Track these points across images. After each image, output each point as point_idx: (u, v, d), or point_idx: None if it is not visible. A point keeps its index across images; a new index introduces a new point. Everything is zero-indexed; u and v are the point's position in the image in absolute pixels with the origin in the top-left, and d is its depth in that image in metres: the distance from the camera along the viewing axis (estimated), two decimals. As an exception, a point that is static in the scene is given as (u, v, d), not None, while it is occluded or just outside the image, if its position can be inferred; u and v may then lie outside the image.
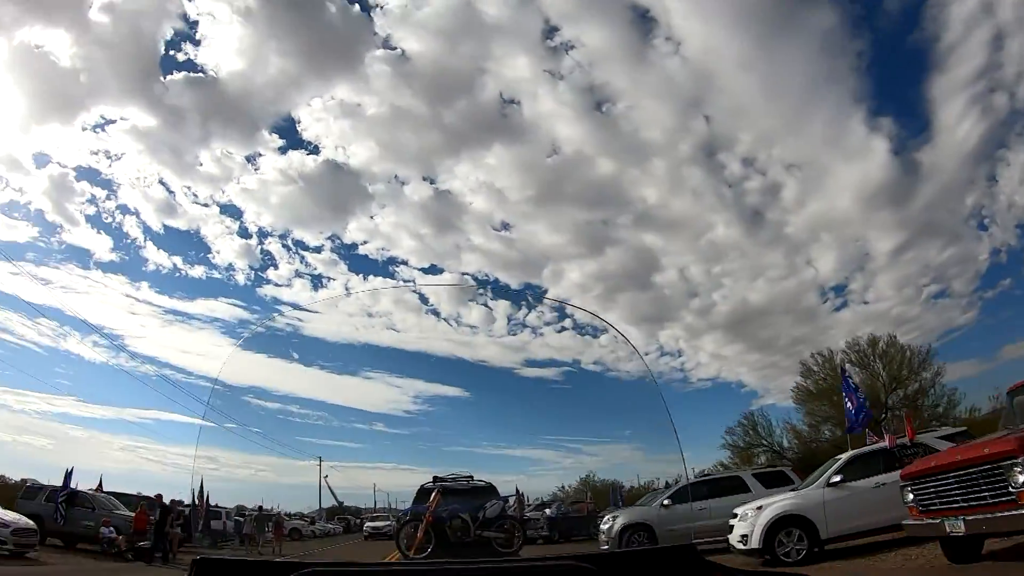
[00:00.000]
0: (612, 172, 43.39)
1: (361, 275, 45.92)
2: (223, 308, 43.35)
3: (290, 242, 45.36)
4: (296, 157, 44.63)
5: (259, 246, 45.26)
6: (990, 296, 33.85)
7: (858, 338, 26.18)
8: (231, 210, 48.07)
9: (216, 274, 45.28)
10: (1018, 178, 33.72)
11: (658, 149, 41.70)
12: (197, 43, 43.06)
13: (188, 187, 44.27)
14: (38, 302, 55.05)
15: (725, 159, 41.10)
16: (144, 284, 43.78)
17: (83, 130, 42.44)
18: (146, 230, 43.60)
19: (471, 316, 43.78)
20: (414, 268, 45.05)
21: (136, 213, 44.50)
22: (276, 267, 45.71)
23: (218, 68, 42.36)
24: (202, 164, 45.19)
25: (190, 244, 51.89)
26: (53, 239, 40.61)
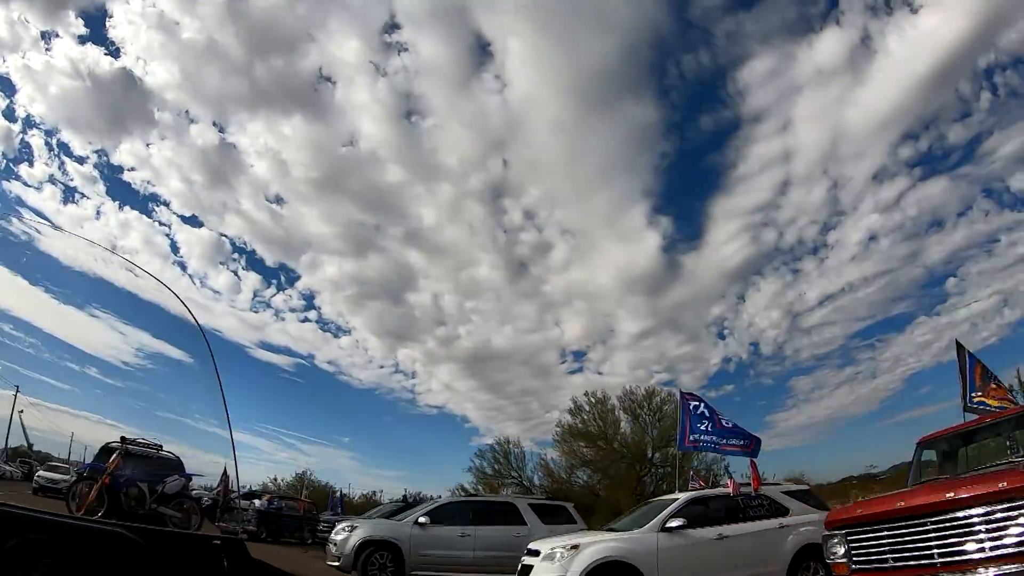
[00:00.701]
0: (399, 182, 43.53)
1: (117, 203, 42.13)
2: None
3: (55, 141, 40.77)
4: (93, 53, 39.70)
5: (20, 135, 39.68)
6: (712, 396, 38.16)
7: (636, 387, 25.78)
8: (4, 84, 39.91)
9: None
10: (762, 303, 37.97)
11: (450, 175, 42.64)
12: None
13: None
14: None
15: (509, 205, 44.11)
16: None
17: None
18: None
19: (218, 280, 41.72)
20: (174, 213, 42.39)
21: None
22: (31, 164, 40.59)
23: None
24: None
25: None
26: None
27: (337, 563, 9.89)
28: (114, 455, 10.97)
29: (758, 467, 8.96)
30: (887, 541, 4.68)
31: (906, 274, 35.92)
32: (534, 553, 7.70)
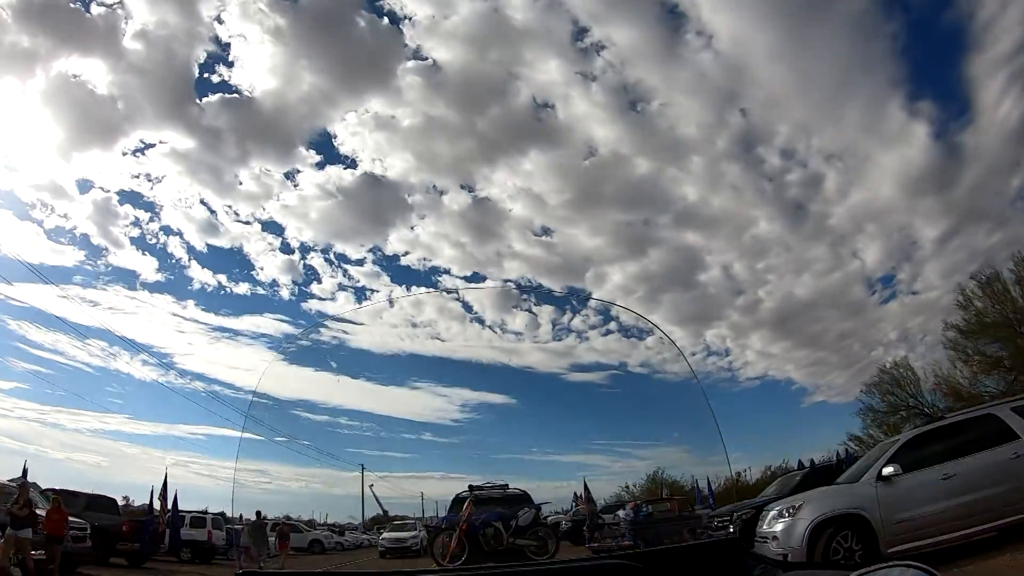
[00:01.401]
0: (650, 171, 43.01)
1: (404, 286, 46.01)
2: (268, 323, 44.36)
3: (332, 256, 46.06)
4: (334, 172, 45.92)
5: (301, 261, 46.44)
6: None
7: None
8: (272, 227, 49.60)
9: (260, 290, 46.35)
10: (1067, 154, 29.64)
11: (695, 146, 40.98)
12: (230, 64, 45.64)
13: (229, 206, 46.79)
14: (87, 323, 58.58)
15: (764, 152, 40.09)
16: (190, 302, 44.81)
17: (123, 155, 44.23)
18: (190, 249, 45.12)
19: (515, 322, 43.83)
20: (456, 277, 45.17)
21: (179, 233, 46.92)
22: (319, 281, 46.26)
23: (252, 88, 44.85)
24: (242, 183, 46.75)
25: (234, 262, 52.93)
26: (99, 262, 42.62)
27: (784, 555, 7.68)
28: (466, 503, 10.94)
29: None
30: None
31: None
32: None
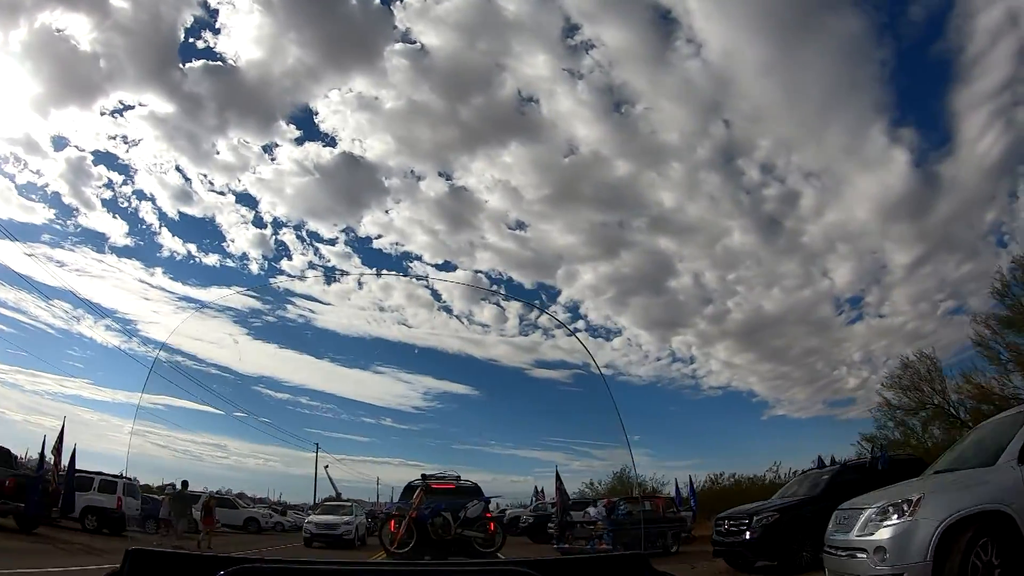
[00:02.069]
0: (629, 174, 43.33)
1: (374, 269, 46.85)
2: (236, 297, 44.00)
3: (304, 233, 44.58)
4: (312, 148, 43.80)
5: (273, 236, 44.78)
6: (1004, 313, 32.87)
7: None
8: (246, 199, 48.06)
9: (230, 263, 44.36)
10: (1038, 192, 31.52)
11: (676, 152, 40.69)
12: (216, 31, 43.35)
13: (204, 175, 44.44)
14: (53, 284, 54.02)
15: (743, 165, 40.43)
16: (158, 270, 42.73)
17: (101, 115, 40.95)
18: (162, 216, 42.94)
19: (484, 314, 44.33)
20: (428, 264, 44.42)
21: (152, 199, 45.00)
22: (290, 258, 44.86)
23: (237, 57, 41.74)
24: (219, 152, 44.54)
25: (205, 232, 50.83)
26: (69, 222, 40.35)
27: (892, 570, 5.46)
28: (417, 491, 11.29)
29: None
30: None
31: None
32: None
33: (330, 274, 45.61)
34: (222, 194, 44.27)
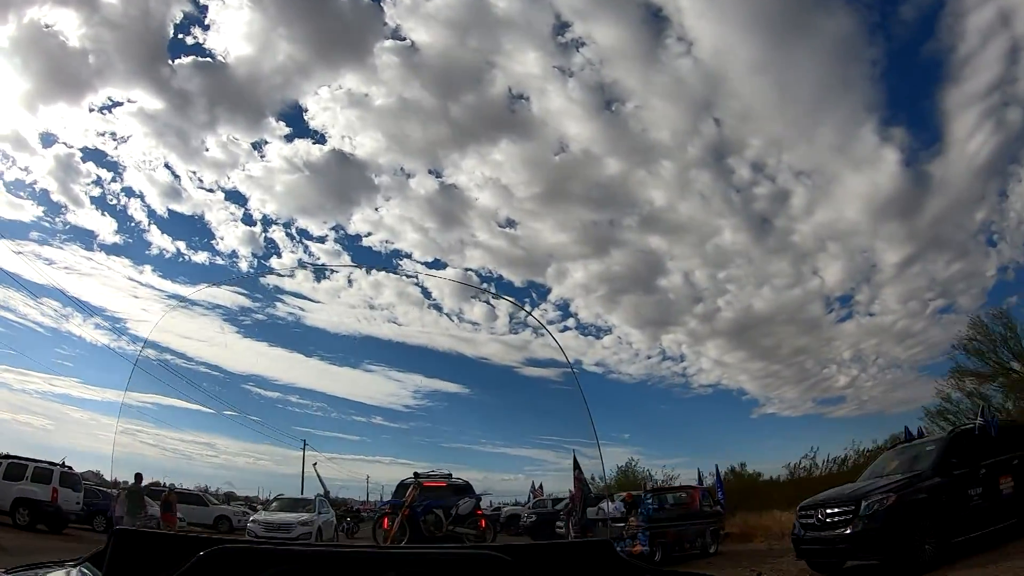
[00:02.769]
0: (620, 172, 43.62)
1: (364, 267, 46.75)
2: (226, 295, 43.89)
3: (294, 231, 45.90)
4: (302, 146, 45.06)
5: (263, 234, 46.32)
6: (996, 312, 33.20)
7: None
8: (236, 197, 48.80)
9: (220, 260, 45.66)
10: (1028, 192, 32.20)
11: (667, 151, 41.47)
12: (206, 27, 43.60)
13: (193, 172, 45.13)
14: (40, 282, 56.49)
15: (734, 163, 41.00)
16: (147, 267, 43.89)
17: (90, 111, 41.94)
18: (150, 213, 43.78)
19: (474, 312, 44.36)
20: (418, 262, 45.79)
21: (141, 196, 45.40)
22: (279, 255, 45.79)
23: (226, 53, 42.46)
24: (208, 149, 45.37)
25: (194, 230, 51.84)
26: (57, 219, 40.83)
27: None
28: (409, 489, 11.44)
29: None
30: None
31: None
32: None
33: (319, 270, 45.51)
34: (211, 191, 44.33)
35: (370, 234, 46.67)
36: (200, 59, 40.14)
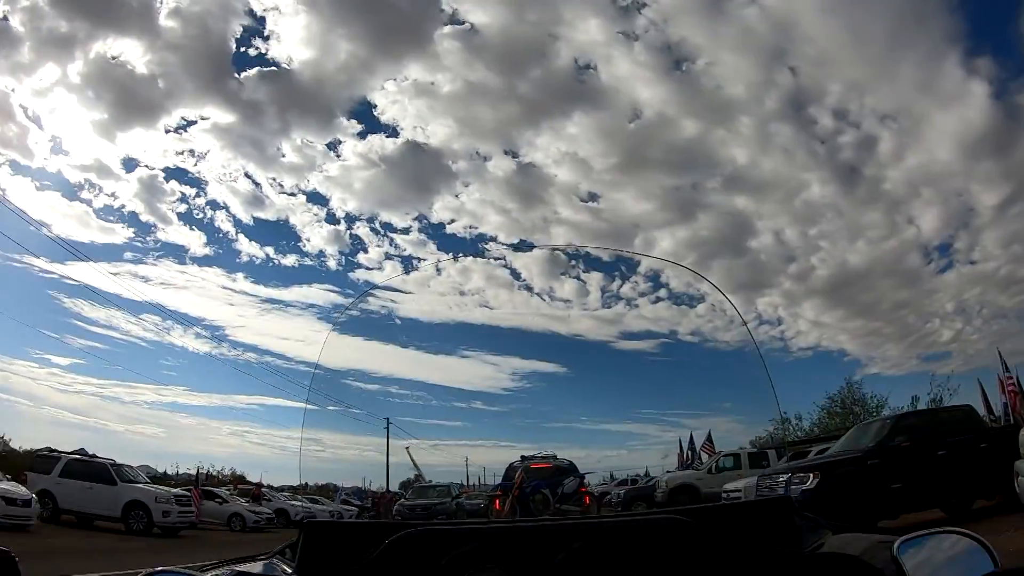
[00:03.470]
0: (697, 133, 41.49)
1: (450, 254, 46.92)
2: (317, 294, 44.91)
3: (378, 225, 45.98)
4: (376, 141, 44.85)
5: (348, 231, 46.53)
6: None
7: None
8: (317, 198, 49.95)
9: (308, 261, 46.35)
10: None
11: (743, 106, 38.97)
12: (266, 37, 43.60)
13: (273, 178, 46.31)
14: (139, 299, 57.78)
15: (815, 113, 37.83)
16: (239, 275, 45.31)
17: (166, 132, 43.37)
18: (236, 223, 45.38)
19: (564, 289, 44.06)
20: (502, 244, 45.46)
21: (226, 207, 47.84)
22: (366, 251, 46.31)
23: (289, 59, 43.42)
24: (284, 155, 47.19)
25: (280, 234, 54.04)
26: (148, 238, 42.90)
27: None
28: (518, 471, 12.12)
29: None
30: None
31: None
32: None
33: (408, 264, 47.15)
34: (293, 195, 46.53)
35: (453, 221, 46.84)
36: (264, 69, 41.21)
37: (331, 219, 47.22)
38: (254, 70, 42.35)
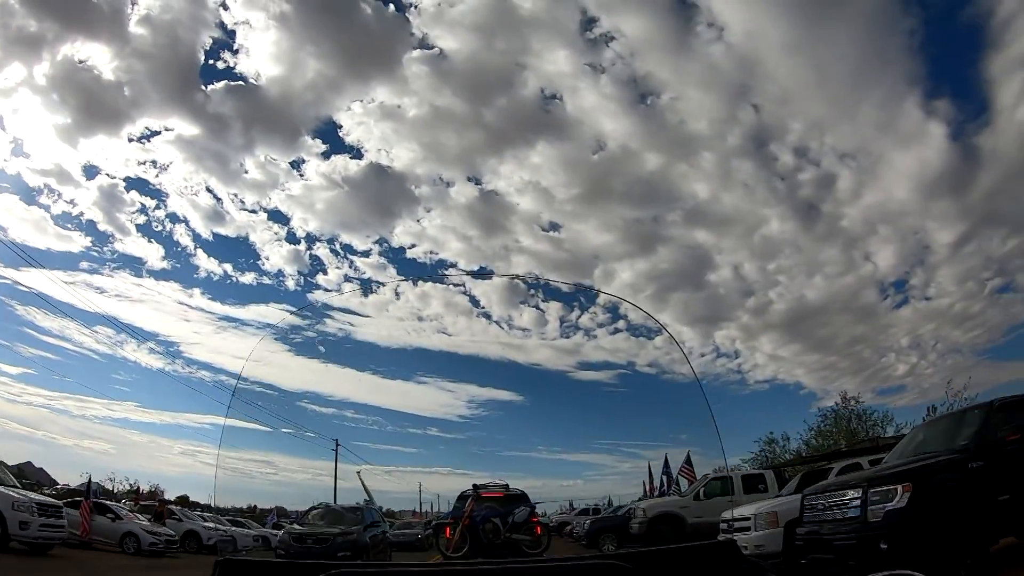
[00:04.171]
0: (660, 167, 42.82)
1: (410, 279, 46.99)
2: (275, 313, 44.81)
3: (338, 246, 46.70)
4: (340, 161, 45.40)
5: (307, 251, 46.53)
6: None
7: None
8: (278, 216, 50.10)
9: (266, 280, 46.43)
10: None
11: (706, 141, 40.55)
12: (235, 51, 45.29)
13: (235, 194, 46.96)
14: (94, 310, 57.68)
15: (776, 150, 39.70)
16: (196, 291, 45.17)
17: (129, 141, 43.55)
18: (196, 237, 45.79)
19: (523, 318, 44.21)
20: (463, 271, 46.06)
21: (185, 221, 47.77)
22: (325, 272, 46.39)
23: (257, 75, 44.38)
24: (247, 171, 46.73)
25: (239, 251, 53.82)
26: (105, 248, 43.01)
27: None
28: (468, 500, 12.08)
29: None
30: None
31: None
32: None
33: (367, 286, 46.79)
34: (254, 212, 46.13)
35: (414, 245, 47.16)
36: (232, 83, 41.50)
37: (292, 238, 46.88)
38: (221, 83, 42.75)
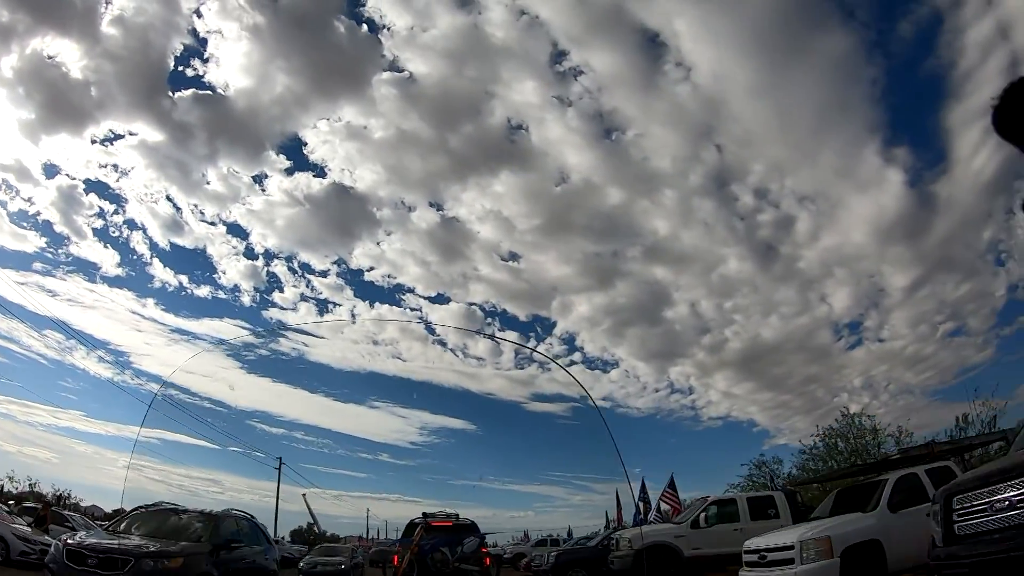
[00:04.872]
0: (622, 202, 43.89)
1: (367, 302, 47.73)
2: (229, 329, 45.24)
3: (296, 265, 48.59)
4: (302, 179, 46.59)
5: (265, 268, 47.84)
6: (1007, 333, 32.51)
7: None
8: (237, 230, 51.36)
9: (222, 294, 47.30)
10: (1036, 208, 29.95)
11: (668, 179, 42.20)
12: (206, 60, 45.86)
13: (195, 205, 48.01)
14: (44, 313, 56.86)
15: (737, 190, 41.20)
16: (150, 301, 46.27)
17: (92, 143, 44.55)
18: (153, 246, 46.18)
19: (478, 348, 44.14)
20: (421, 296, 45.80)
21: (143, 229, 48.79)
22: (282, 290, 47.89)
23: (226, 85, 45.35)
24: (209, 183, 47.64)
25: (196, 263, 53.98)
26: (60, 251, 43.16)
27: None
28: (418, 528, 12.21)
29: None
30: None
31: None
32: None
33: (323, 306, 45.80)
34: (213, 224, 45.25)
35: (372, 268, 47.31)
36: (200, 92, 41.86)
37: (250, 254, 46.25)
38: (189, 91, 42.11)
